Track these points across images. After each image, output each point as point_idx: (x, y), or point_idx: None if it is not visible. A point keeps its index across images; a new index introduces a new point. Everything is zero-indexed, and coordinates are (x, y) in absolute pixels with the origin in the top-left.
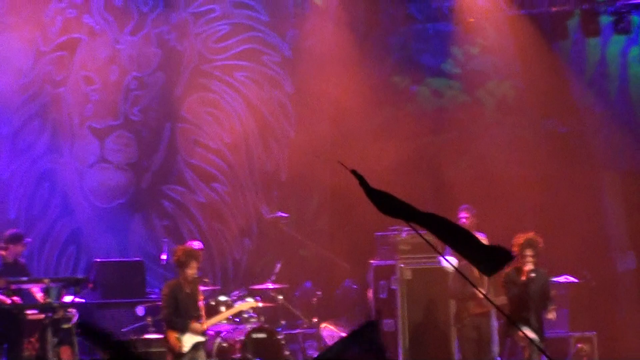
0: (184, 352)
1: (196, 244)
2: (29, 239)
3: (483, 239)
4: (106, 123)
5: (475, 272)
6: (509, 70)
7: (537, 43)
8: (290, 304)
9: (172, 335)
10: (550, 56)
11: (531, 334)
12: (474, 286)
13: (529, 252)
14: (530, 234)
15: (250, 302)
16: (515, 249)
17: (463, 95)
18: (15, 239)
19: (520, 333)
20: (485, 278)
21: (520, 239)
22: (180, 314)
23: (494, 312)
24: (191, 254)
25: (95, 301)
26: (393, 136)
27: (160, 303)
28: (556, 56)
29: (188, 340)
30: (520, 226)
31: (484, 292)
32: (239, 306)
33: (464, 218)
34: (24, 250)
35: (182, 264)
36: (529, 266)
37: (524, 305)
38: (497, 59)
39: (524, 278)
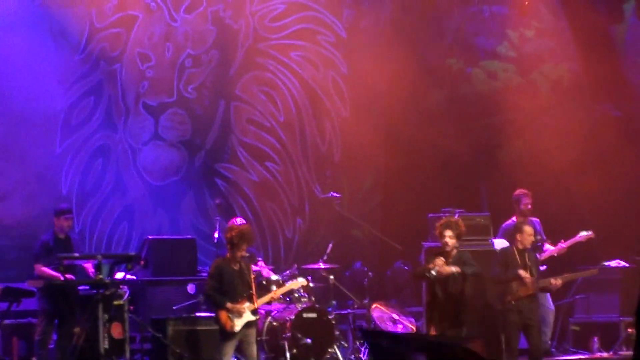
0: (235, 331)
1: (239, 221)
2: (70, 215)
3: (535, 224)
4: (160, 100)
5: (517, 255)
6: (564, 54)
7: (592, 26)
8: (341, 284)
9: (224, 315)
10: (606, 40)
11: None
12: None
13: (447, 232)
14: (452, 217)
15: (300, 281)
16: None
17: (518, 78)
18: (58, 213)
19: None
20: (527, 261)
21: (441, 220)
22: (225, 292)
23: (546, 296)
24: (244, 236)
25: (146, 278)
26: (447, 118)
27: None
28: (611, 40)
29: (240, 320)
30: (573, 209)
31: (526, 274)
32: (290, 285)
33: (529, 204)
34: (69, 224)
35: (234, 245)
36: (447, 247)
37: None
38: (552, 42)
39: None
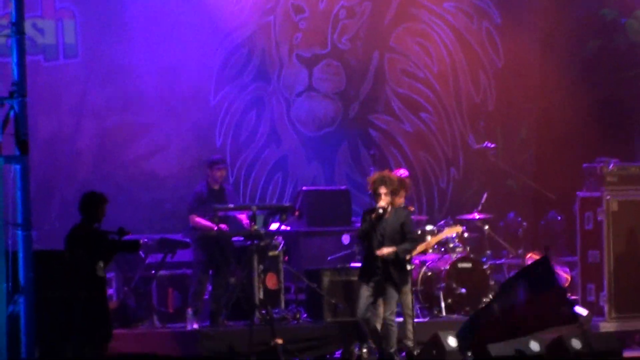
0: None
1: (402, 172)
2: (223, 165)
3: None
4: (314, 52)
5: None
6: None
7: None
8: (496, 234)
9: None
10: None
11: None
12: None
13: (382, 189)
14: (385, 172)
15: (455, 227)
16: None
17: None
18: (211, 164)
19: None
20: None
21: (374, 176)
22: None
23: None
24: (402, 183)
25: (301, 229)
26: (601, 68)
27: None
28: None
29: None
30: None
31: None
32: (445, 231)
33: None
34: (222, 175)
35: (394, 191)
36: (380, 203)
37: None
38: None
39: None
